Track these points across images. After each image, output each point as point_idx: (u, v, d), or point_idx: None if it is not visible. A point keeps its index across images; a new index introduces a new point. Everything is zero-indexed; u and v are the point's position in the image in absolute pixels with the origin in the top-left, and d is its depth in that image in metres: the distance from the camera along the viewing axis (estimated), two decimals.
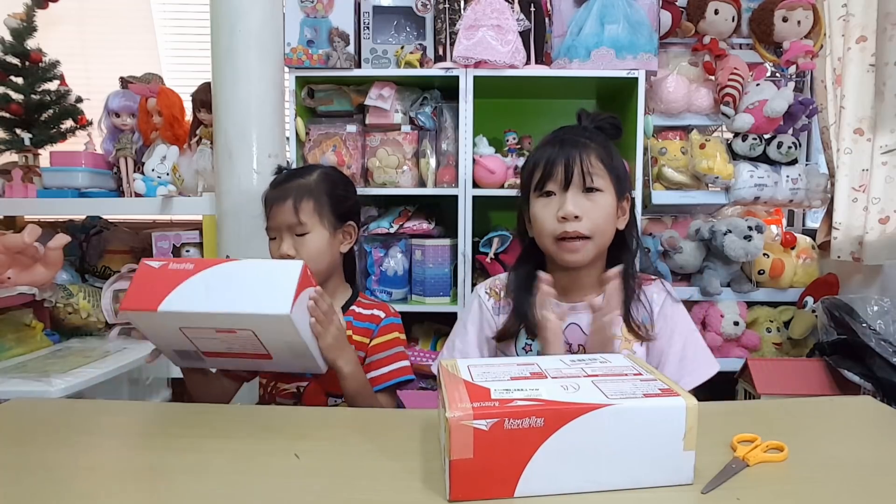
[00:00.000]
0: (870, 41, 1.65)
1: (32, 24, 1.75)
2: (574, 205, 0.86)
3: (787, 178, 1.74)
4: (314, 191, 1.00)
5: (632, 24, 1.63)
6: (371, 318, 1.04)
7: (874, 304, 1.51)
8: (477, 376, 0.61)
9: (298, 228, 0.98)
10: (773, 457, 0.62)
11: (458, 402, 0.54)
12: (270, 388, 1.02)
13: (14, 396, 0.95)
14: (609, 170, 0.89)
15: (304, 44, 1.65)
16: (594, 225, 0.87)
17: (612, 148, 0.93)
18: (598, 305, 0.82)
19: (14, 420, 0.78)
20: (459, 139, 1.69)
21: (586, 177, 0.86)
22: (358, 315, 1.04)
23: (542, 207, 0.89)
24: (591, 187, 0.87)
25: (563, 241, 0.87)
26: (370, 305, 1.06)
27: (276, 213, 0.99)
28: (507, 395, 0.55)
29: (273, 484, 0.58)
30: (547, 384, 0.58)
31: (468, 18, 1.64)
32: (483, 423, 0.52)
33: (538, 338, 0.88)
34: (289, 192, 0.99)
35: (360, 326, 1.03)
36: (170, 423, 0.77)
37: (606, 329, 0.81)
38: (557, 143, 0.90)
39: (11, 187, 1.69)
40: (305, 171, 1.04)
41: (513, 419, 0.52)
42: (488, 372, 0.63)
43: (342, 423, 0.76)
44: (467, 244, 1.68)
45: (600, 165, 0.88)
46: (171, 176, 1.68)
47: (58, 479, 0.60)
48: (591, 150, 0.88)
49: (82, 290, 1.72)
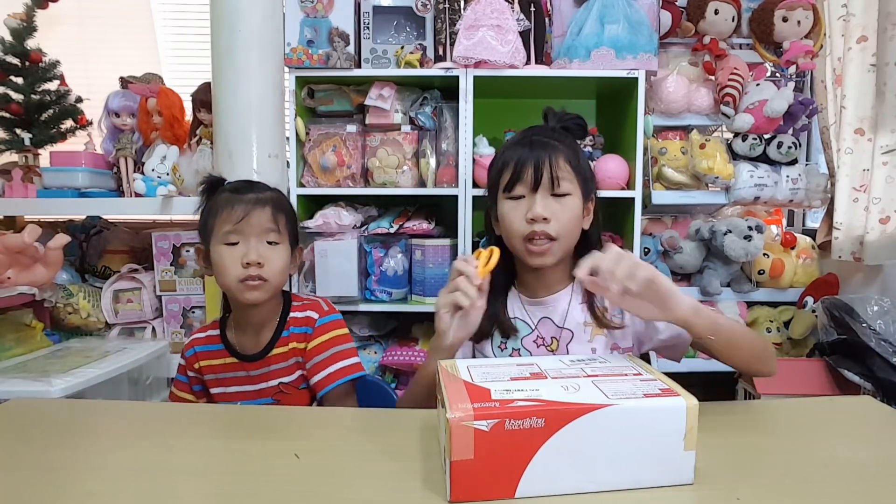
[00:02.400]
0: (870, 41, 1.65)
1: (32, 24, 1.75)
2: (543, 207, 0.88)
3: (787, 178, 1.74)
4: (284, 206, 0.98)
5: (632, 24, 1.63)
6: (305, 322, 1.00)
7: (874, 304, 1.51)
8: (477, 377, 0.61)
9: (272, 237, 0.94)
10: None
11: (459, 402, 0.54)
12: None
13: (14, 396, 0.95)
14: (576, 172, 0.90)
15: (304, 44, 1.65)
16: (561, 227, 0.89)
17: (578, 149, 0.94)
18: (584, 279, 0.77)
19: (14, 420, 0.78)
20: (459, 139, 1.69)
21: (555, 181, 0.88)
22: (293, 320, 1.00)
23: (511, 209, 0.91)
24: (558, 192, 0.89)
25: (531, 244, 0.89)
26: (303, 307, 1.02)
27: (250, 216, 0.92)
28: (508, 395, 0.55)
29: (273, 484, 0.58)
30: (547, 384, 0.58)
31: (468, 18, 1.64)
32: (484, 424, 0.52)
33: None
34: (265, 200, 0.95)
35: (297, 332, 1.00)
36: (170, 423, 0.77)
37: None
38: (527, 145, 0.90)
39: (11, 187, 1.69)
40: (265, 187, 1.00)
41: (514, 420, 0.52)
42: (488, 373, 0.63)
43: (342, 423, 0.76)
44: (467, 244, 1.68)
45: (568, 168, 0.89)
46: (171, 176, 1.68)
47: (58, 479, 0.60)
48: (559, 153, 0.89)
49: (82, 290, 1.72)
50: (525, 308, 0.97)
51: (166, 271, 1.73)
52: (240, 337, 1.02)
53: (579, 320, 0.94)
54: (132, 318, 1.74)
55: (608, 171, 1.66)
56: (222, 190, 0.98)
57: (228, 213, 0.92)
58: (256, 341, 1.00)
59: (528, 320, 0.96)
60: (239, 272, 0.92)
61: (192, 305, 1.74)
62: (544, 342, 0.95)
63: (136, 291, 1.73)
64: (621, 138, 1.77)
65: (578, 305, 0.95)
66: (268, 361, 1.00)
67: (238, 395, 1.01)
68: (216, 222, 0.94)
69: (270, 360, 1.00)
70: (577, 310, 0.94)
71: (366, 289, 1.75)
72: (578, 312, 0.94)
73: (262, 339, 1.00)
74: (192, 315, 1.74)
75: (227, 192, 0.97)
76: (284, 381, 1.01)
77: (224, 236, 0.93)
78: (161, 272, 1.73)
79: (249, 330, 1.01)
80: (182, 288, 1.73)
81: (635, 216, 1.66)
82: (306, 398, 1.03)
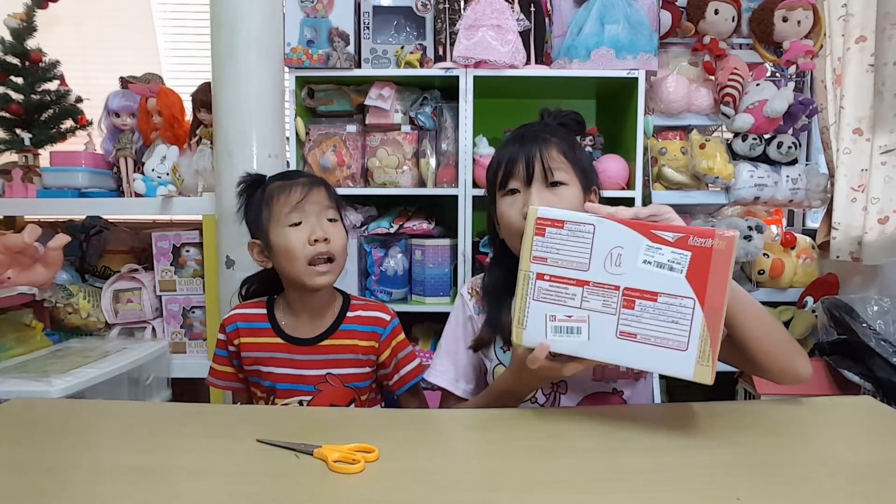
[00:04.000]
0: (869, 41, 1.65)
1: (32, 24, 1.75)
2: (538, 199, 0.85)
3: (787, 178, 1.74)
4: (333, 188, 1.01)
5: (632, 24, 1.63)
6: (376, 321, 1.02)
7: (874, 304, 1.51)
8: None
9: (331, 213, 0.97)
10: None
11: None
12: (269, 402, 1.00)
13: (14, 396, 0.95)
14: (573, 163, 0.88)
15: (304, 44, 1.65)
16: None
17: (575, 142, 0.92)
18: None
19: (14, 420, 0.78)
20: (459, 139, 1.69)
21: (548, 172, 0.86)
22: (362, 319, 1.01)
23: (507, 206, 0.89)
24: (554, 181, 0.86)
25: None
26: (368, 306, 1.04)
27: (310, 195, 0.94)
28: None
29: (273, 484, 0.58)
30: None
31: (468, 18, 1.64)
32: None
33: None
34: (318, 181, 0.97)
35: (365, 331, 1.01)
36: (170, 423, 0.77)
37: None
38: (518, 141, 0.89)
39: (11, 187, 1.69)
40: (308, 173, 1.03)
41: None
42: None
43: (342, 423, 0.76)
44: (467, 244, 1.69)
45: (562, 159, 0.87)
46: (171, 176, 1.68)
47: (58, 479, 0.60)
48: (551, 145, 0.87)
49: (82, 290, 1.72)
50: None
51: (166, 271, 1.73)
52: (292, 320, 1.00)
53: None
54: (132, 318, 1.74)
55: (608, 171, 1.66)
56: (267, 182, 0.99)
57: (286, 196, 0.93)
58: (311, 327, 0.99)
59: None
60: (308, 251, 0.92)
61: (192, 305, 1.74)
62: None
63: (136, 291, 1.73)
64: (621, 138, 1.77)
65: None
66: (320, 349, 0.98)
67: (279, 376, 0.98)
68: (273, 209, 0.94)
69: (323, 349, 0.98)
70: None
71: (366, 289, 1.75)
72: None
73: (319, 325, 0.99)
74: (192, 315, 1.74)
75: (277, 181, 0.97)
76: (333, 372, 0.99)
77: (286, 218, 0.93)
78: (161, 272, 1.73)
79: (304, 315, 1.00)
80: (182, 288, 1.73)
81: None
82: (347, 397, 1.00)
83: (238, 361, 1.02)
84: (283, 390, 0.98)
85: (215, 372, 1.04)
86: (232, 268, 1.57)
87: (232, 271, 1.57)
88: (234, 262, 1.57)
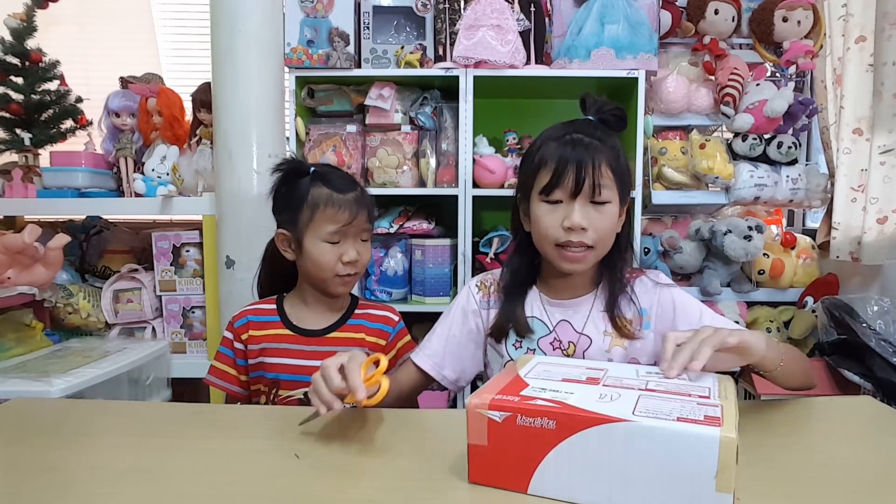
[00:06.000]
0: (869, 41, 1.65)
1: (32, 24, 1.75)
2: (582, 216, 0.82)
3: (787, 178, 1.74)
4: (371, 202, 1.01)
5: (632, 24, 1.63)
6: (386, 320, 1.05)
7: (874, 304, 1.51)
8: (533, 373, 0.63)
9: (365, 235, 0.99)
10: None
11: (487, 391, 0.57)
12: (273, 395, 1.00)
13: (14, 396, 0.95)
14: (616, 176, 0.85)
15: (304, 44, 1.65)
16: (598, 236, 0.85)
17: (619, 147, 0.89)
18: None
19: (14, 420, 0.78)
20: (459, 139, 1.69)
21: (596, 189, 0.83)
22: (371, 317, 1.04)
23: (546, 213, 0.86)
24: (598, 201, 0.84)
25: (564, 249, 0.85)
26: (374, 305, 1.07)
27: (356, 220, 0.95)
28: (538, 393, 0.56)
29: (273, 484, 0.58)
30: (587, 390, 0.57)
31: (468, 18, 1.64)
32: (497, 415, 0.54)
33: None
34: (363, 202, 0.97)
35: (374, 328, 1.03)
36: (170, 423, 0.77)
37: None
38: (568, 144, 0.84)
39: (11, 187, 1.69)
40: (353, 179, 1.00)
41: (525, 416, 0.53)
42: (549, 371, 0.64)
43: (342, 422, 0.76)
44: (467, 244, 1.69)
45: (609, 174, 0.84)
46: (171, 176, 1.68)
47: (58, 479, 0.60)
48: (601, 156, 0.83)
49: (82, 290, 1.72)
50: (545, 308, 0.93)
51: (166, 271, 1.73)
52: (302, 312, 1.02)
53: (599, 328, 0.90)
54: (132, 318, 1.74)
55: None
56: (315, 180, 0.96)
57: (334, 213, 0.93)
58: (320, 319, 1.02)
59: (547, 321, 0.92)
60: (338, 269, 0.96)
61: (192, 305, 1.74)
62: (561, 345, 0.91)
63: (136, 291, 1.73)
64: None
65: (599, 313, 0.91)
66: (328, 341, 1.00)
67: (284, 367, 0.99)
68: (316, 217, 0.94)
69: (331, 341, 1.00)
70: (598, 317, 0.91)
71: (366, 289, 1.75)
72: (599, 320, 0.90)
73: (328, 318, 1.02)
74: (192, 315, 1.74)
75: (327, 189, 0.94)
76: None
77: (328, 235, 0.94)
78: (161, 272, 1.73)
79: (315, 306, 1.02)
80: (182, 288, 1.73)
81: (635, 216, 1.66)
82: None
83: (242, 361, 1.03)
84: (287, 382, 0.98)
85: (215, 370, 1.04)
86: (232, 268, 1.57)
87: (232, 271, 1.57)
88: (234, 262, 1.57)
